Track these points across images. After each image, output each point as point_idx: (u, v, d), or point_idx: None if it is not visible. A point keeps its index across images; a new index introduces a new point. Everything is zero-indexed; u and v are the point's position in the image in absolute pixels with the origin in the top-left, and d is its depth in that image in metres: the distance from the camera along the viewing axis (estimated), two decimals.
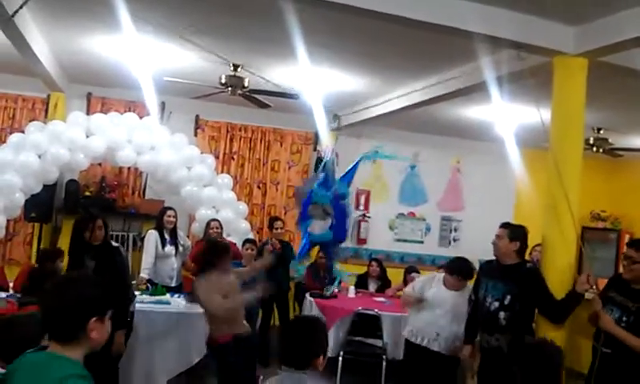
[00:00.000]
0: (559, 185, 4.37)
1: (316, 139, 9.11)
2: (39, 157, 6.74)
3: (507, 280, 4.24)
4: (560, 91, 4.65)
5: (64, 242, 5.95)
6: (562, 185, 4.35)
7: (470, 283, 4.97)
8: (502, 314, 4.21)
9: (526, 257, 7.43)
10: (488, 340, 4.31)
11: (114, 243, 5.11)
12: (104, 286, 2.06)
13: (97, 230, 4.62)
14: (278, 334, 5.01)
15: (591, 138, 7.61)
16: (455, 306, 4.99)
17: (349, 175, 7.15)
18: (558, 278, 4.33)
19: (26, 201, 6.92)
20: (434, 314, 5.09)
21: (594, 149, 7.71)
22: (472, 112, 7.70)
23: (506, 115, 6.86)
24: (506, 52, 4.79)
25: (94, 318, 1.93)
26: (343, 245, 9.40)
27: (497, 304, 4.25)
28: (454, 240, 9.78)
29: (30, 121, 7.35)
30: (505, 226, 4.43)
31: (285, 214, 8.93)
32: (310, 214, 6.73)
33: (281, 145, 9.12)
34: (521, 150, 7.26)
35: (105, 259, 4.58)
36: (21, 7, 4.72)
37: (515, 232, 4.36)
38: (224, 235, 6.67)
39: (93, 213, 4.91)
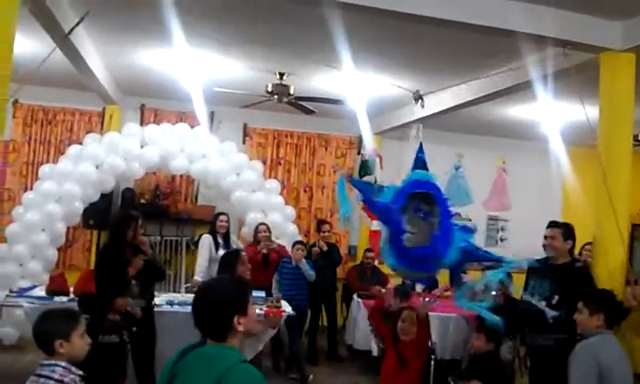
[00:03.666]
0: (607, 183, 4.35)
1: (360, 143, 9.20)
2: (96, 167, 7.03)
3: (556, 279, 4.18)
4: (608, 87, 4.62)
5: None
6: (610, 183, 4.33)
7: None
8: (549, 313, 4.17)
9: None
10: (535, 339, 4.29)
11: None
12: (241, 283, 2.38)
13: (139, 229, 4.76)
14: None
15: None
16: None
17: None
18: (608, 277, 4.31)
19: (85, 209, 7.21)
20: None
21: None
22: (517, 111, 7.66)
23: (552, 113, 6.80)
24: (552, 50, 4.78)
25: (237, 316, 2.15)
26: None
27: (544, 303, 4.22)
28: (501, 240, 9.71)
29: (87, 133, 7.67)
30: (555, 225, 4.38)
31: (331, 216, 9.04)
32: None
33: (326, 149, 9.25)
34: (567, 148, 7.18)
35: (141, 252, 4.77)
36: (77, 25, 4.97)
37: (568, 230, 4.33)
38: (273, 238, 6.82)
39: (132, 213, 4.99)
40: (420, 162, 4.16)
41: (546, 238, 4.37)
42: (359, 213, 9.17)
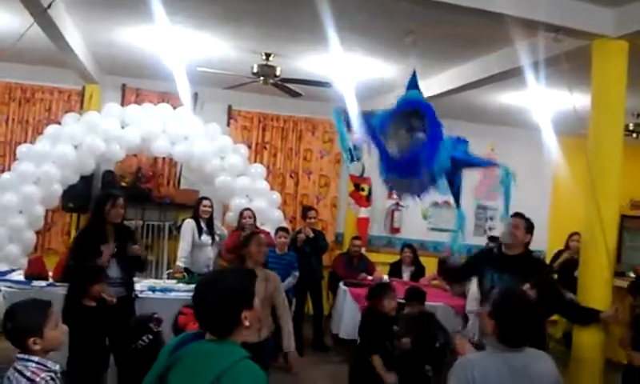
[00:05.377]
0: (597, 173, 4.29)
1: (348, 127, 9.04)
2: (75, 148, 6.85)
3: (515, 272, 4.03)
4: (599, 76, 4.54)
5: None
6: (600, 173, 4.26)
7: None
8: None
9: (562, 247, 7.33)
10: None
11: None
12: (247, 273, 2.23)
13: (118, 207, 4.66)
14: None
15: (631, 124, 7.40)
16: None
17: None
18: (596, 268, 4.29)
19: (64, 191, 7.05)
20: None
21: (634, 135, 7.50)
22: (507, 98, 7.57)
23: (542, 101, 6.71)
24: (543, 35, 4.68)
25: (244, 310, 2.06)
26: (377, 233, 9.39)
27: None
28: (490, 229, 9.63)
29: (66, 112, 7.47)
30: (520, 216, 4.32)
31: (317, 202, 8.94)
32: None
33: (313, 134, 9.10)
34: (558, 137, 7.09)
35: (123, 236, 4.71)
36: None
37: (530, 224, 4.28)
38: (257, 224, 6.70)
39: (111, 192, 4.94)
40: (412, 84, 4.13)
41: (508, 226, 4.27)
42: (347, 200, 9.10)
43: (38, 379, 2.45)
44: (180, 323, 3.47)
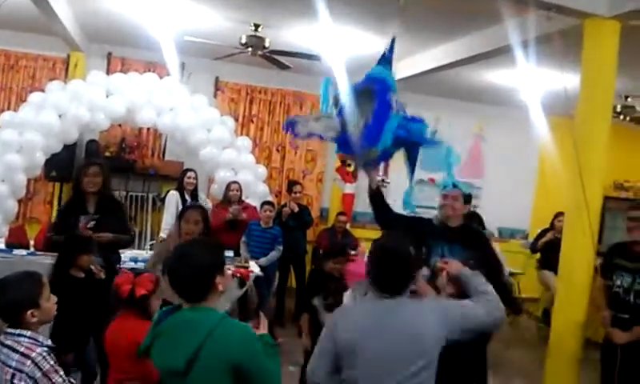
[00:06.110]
0: (583, 154, 4.30)
1: (336, 102, 8.98)
2: (59, 116, 6.74)
3: (462, 243, 3.83)
4: (590, 55, 4.52)
5: None
6: (585, 154, 4.28)
7: None
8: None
9: (547, 226, 7.34)
10: None
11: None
12: (217, 244, 2.36)
13: (90, 176, 4.53)
14: None
15: (618, 106, 7.43)
16: None
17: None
18: (579, 248, 4.36)
19: (47, 160, 6.94)
20: None
21: (621, 117, 7.53)
22: (496, 76, 7.54)
23: (532, 80, 6.69)
24: (535, 13, 4.65)
25: (217, 275, 2.20)
26: (362, 209, 9.39)
27: None
28: (474, 207, 9.66)
29: (50, 80, 7.32)
30: (457, 186, 4.08)
31: (303, 177, 8.91)
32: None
33: (300, 108, 9.02)
34: (547, 117, 7.09)
35: (106, 209, 4.58)
36: None
37: (466, 195, 4.13)
38: (243, 198, 6.66)
39: (89, 161, 4.84)
40: (383, 60, 3.93)
41: (446, 197, 4.03)
42: (333, 175, 9.07)
43: (33, 354, 2.37)
44: (115, 283, 3.43)
